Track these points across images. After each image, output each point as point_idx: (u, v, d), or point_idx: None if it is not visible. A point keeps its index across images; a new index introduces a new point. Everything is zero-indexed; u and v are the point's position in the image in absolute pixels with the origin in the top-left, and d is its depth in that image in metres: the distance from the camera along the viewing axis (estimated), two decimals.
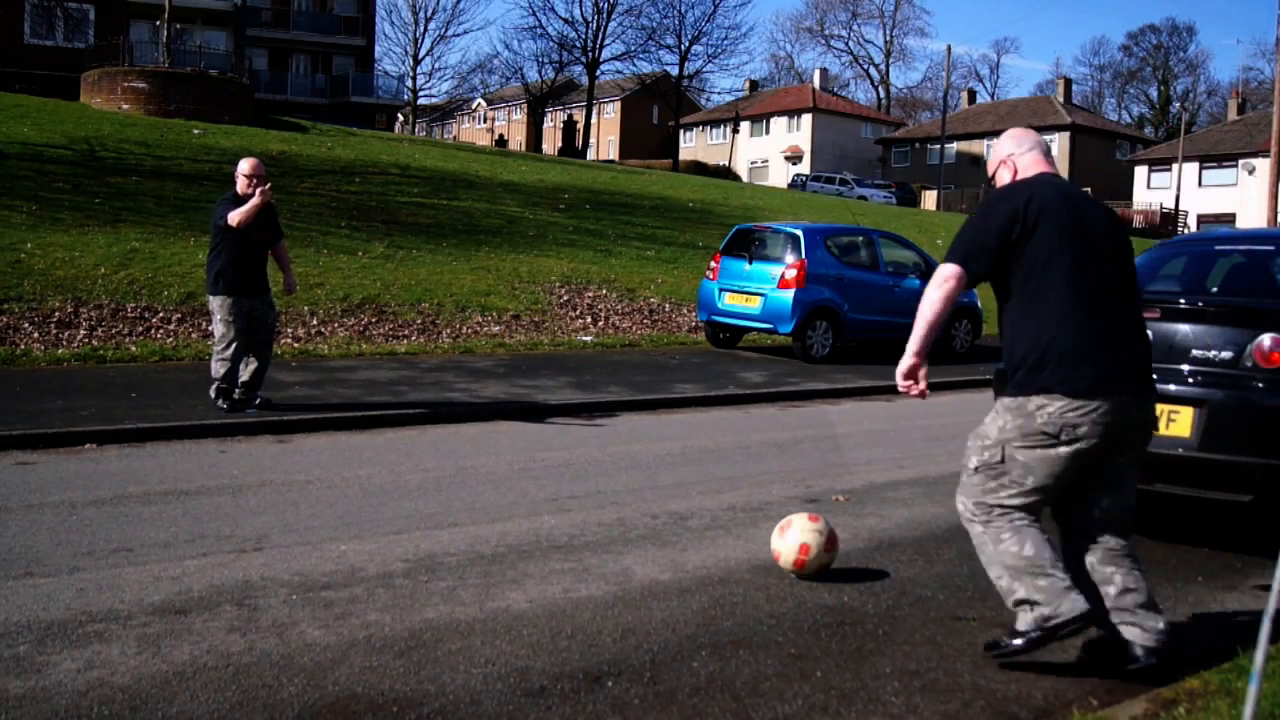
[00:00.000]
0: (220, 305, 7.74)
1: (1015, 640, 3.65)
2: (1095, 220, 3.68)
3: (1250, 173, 47.30)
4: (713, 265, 13.60)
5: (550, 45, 53.95)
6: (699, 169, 50.65)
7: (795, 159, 62.41)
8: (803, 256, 12.59)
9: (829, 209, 29.60)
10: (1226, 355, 5.01)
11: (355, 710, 3.22)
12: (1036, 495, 3.62)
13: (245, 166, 7.98)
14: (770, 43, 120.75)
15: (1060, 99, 61.41)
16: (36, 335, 10.43)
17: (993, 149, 3.99)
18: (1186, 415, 5.02)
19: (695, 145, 68.19)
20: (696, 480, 6.64)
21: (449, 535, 5.16)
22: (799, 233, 12.90)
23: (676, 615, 4.15)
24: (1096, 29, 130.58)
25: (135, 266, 12.46)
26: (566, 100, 67.52)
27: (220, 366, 7.82)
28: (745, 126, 65.66)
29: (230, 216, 7.65)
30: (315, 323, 12.30)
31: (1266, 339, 4.92)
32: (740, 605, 4.30)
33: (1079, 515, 3.70)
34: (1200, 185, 50.56)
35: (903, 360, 3.70)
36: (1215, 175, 50.42)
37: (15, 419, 7.11)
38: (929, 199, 50.26)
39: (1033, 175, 3.77)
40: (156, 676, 3.40)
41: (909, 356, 3.67)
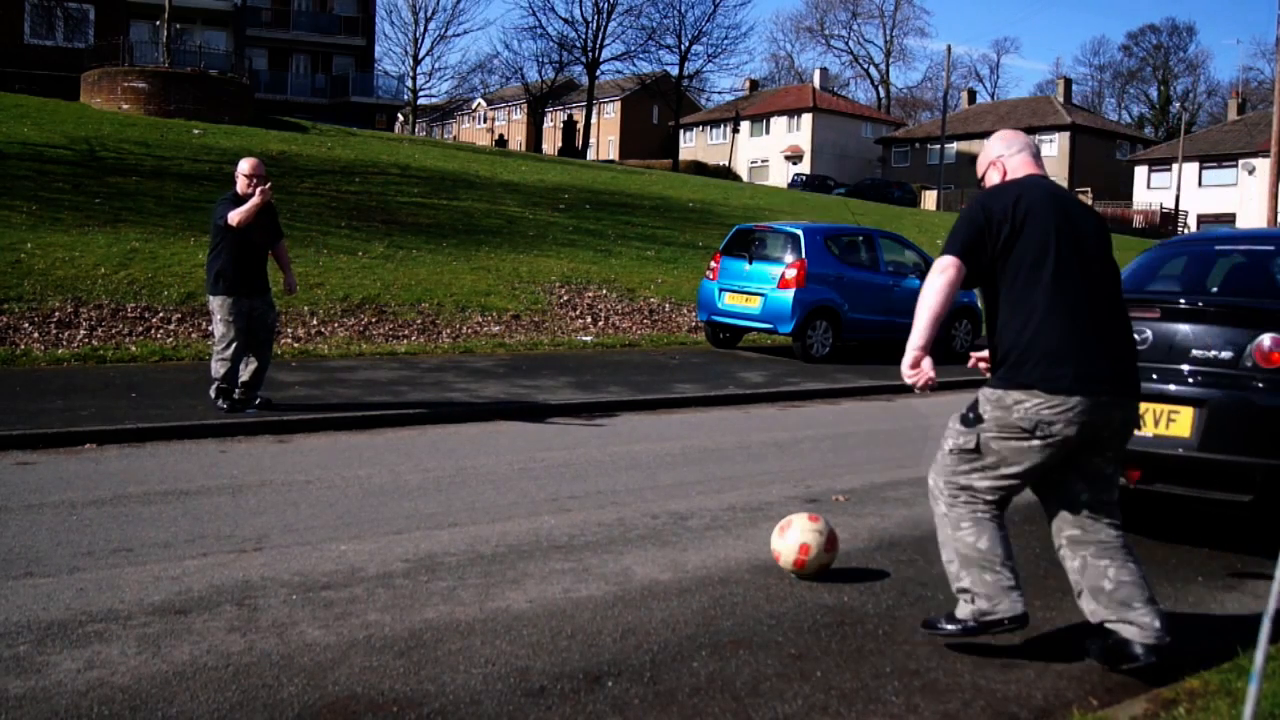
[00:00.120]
0: (220, 305, 7.75)
1: (950, 625, 3.80)
2: (1082, 221, 3.70)
3: (1250, 173, 47.32)
4: (713, 265, 13.59)
5: (550, 45, 54.10)
6: (699, 169, 50.66)
7: (795, 159, 62.42)
8: (803, 256, 12.59)
9: (829, 209, 29.62)
10: (1226, 355, 5.01)
11: (355, 710, 3.23)
12: (1007, 481, 3.68)
13: (245, 166, 7.98)
14: (770, 42, 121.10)
15: (1060, 99, 61.44)
16: (36, 335, 10.43)
17: (982, 150, 4.00)
18: (1186, 415, 5.02)
19: (695, 145, 68.19)
20: (696, 480, 6.65)
21: (449, 535, 5.16)
22: (799, 233, 12.90)
23: (676, 615, 4.15)
24: (1096, 29, 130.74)
25: (135, 266, 12.46)
26: (566, 100, 67.53)
27: (220, 366, 7.82)
28: (745, 126, 65.66)
29: (230, 216, 7.65)
30: (315, 323, 12.30)
31: (1266, 339, 4.93)
32: (740, 605, 4.30)
33: (1065, 507, 3.72)
34: (1200, 185, 50.59)
35: (907, 354, 3.68)
36: (1215, 175, 50.45)
37: (15, 419, 7.11)
38: (929, 199, 50.26)
39: (1021, 176, 3.79)
40: (156, 676, 3.40)
41: (913, 350, 3.65)
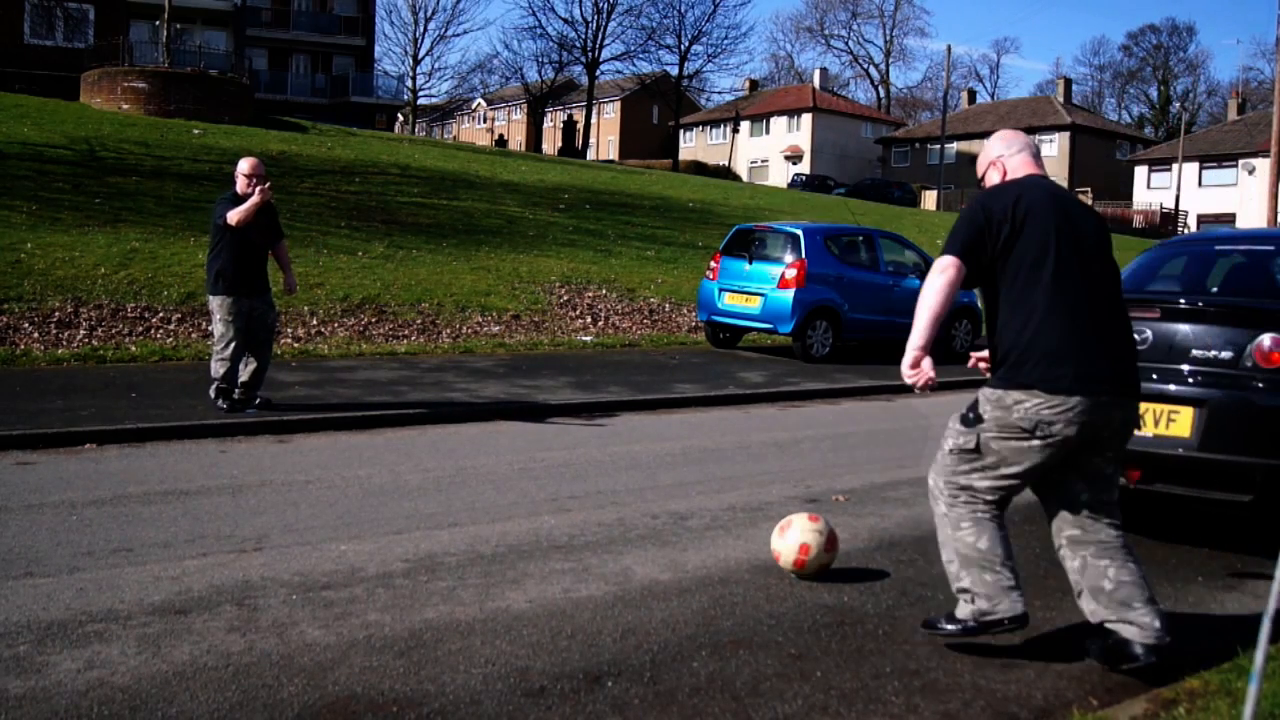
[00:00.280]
0: (220, 305, 7.75)
1: (950, 625, 3.80)
2: (1082, 221, 3.70)
3: (1250, 173, 47.31)
4: (713, 265, 13.59)
5: (550, 45, 54.08)
6: (699, 169, 50.66)
7: (795, 159, 62.41)
8: (803, 256, 12.59)
9: (829, 209, 29.62)
10: (1226, 355, 5.01)
11: (355, 710, 3.22)
12: (1007, 482, 3.67)
13: (245, 166, 7.98)
14: (770, 42, 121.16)
15: (1060, 99, 61.43)
16: (36, 335, 10.43)
17: (982, 150, 4.00)
18: (1186, 415, 5.02)
19: (695, 145, 68.19)
20: (696, 480, 6.65)
21: (449, 535, 5.16)
22: (799, 233, 12.90)
23: (676, 615, 4.15)
24: (1096, 29, 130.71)
25: (135, 266, 12.46)
26: (566, 100, 67.51)
27: (220, 366, 7.82)
28: (745, 126, 65.65)
29: (229, 215, 7.65)
30: (315, 323, 12.30)
31: (1266, 339, 4.93)
32: (740, 605, 4.30)
33: (1065, 507, 3.72)
34: (1200, 185, 50.59)
35: (907, 354, 3.67)
36: (1215, 175, 50.45)
37: (15, 419, 7.11)
38: (929, 199, 50.25)
39: (1021, 176, 3.79)
40: (156, 676, 3.40)
41: (913, 350, 3.64)
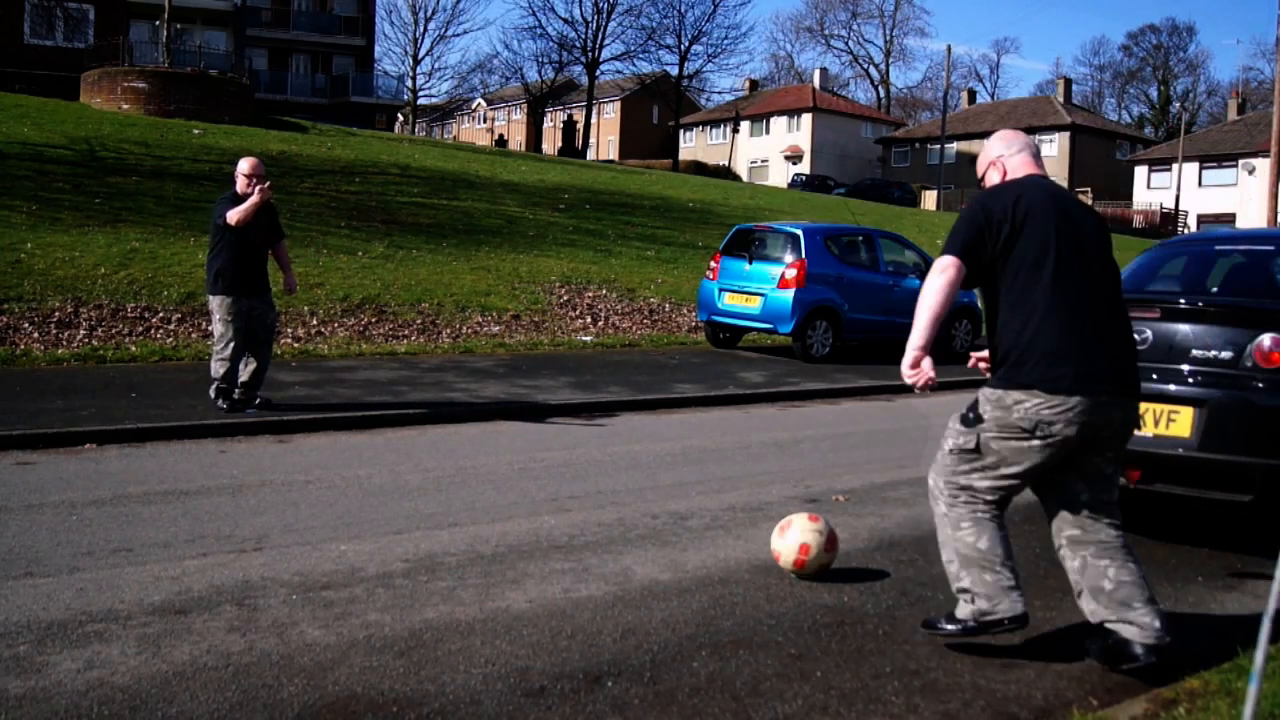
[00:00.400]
0: (220, 305, 7.75)
1: (950, 625, 3.81)
2: (1082, 221, 3.70)
3: (1250, 173, 47.31)
4: (713, 265, 13.59)
5: (550, 45, 54.08)
6: (699, 169, 50.65)
7: (795, 159, 62.41)
8: (803, 256, 12.59)
9: (829, 209, 29.62)
10: (1226, 355, 5.01)
11: (355, 710, 3.22)
12: (1007, 482, 3.68)
13: (244, 166, 7.98)
14: (770, 42, 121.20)
15: (1060, 99, 61.43)
16: (36, 335, 10.43)
17: (982, 150, 3.99)
18: (1186, 415, 5.02)
19: (695, 145, 68.19)
20: (696, 480, 6.65)
21: (449, 535, 5.16)
22: (799, 232, 12.90)
23: (676, 615, 4.15)
24: (1096, 29, 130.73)
25: (135, 266, 12.46)
26: (566, 100, 67.51)
27: (220, 366, 7.82)
28: (745, 126, 65.65)
29: (229, 215, 7.65)
30: (315, 323, 12.30)
31: (1266, 339, 4.93)
32: (740, 605, 4.30)
33: (1065, 507, 3.72)
34: (1200, 185, 50.58)
35: (906, 354, 3.67)
36: (1215, 175, 50.44)
37: (15, 419, 7.11)
38: (929, 199, 50.24)
39: (1021, 176, 3.79)
40: (156, 676, 3.40)
41: (913, 350, 3.64)
